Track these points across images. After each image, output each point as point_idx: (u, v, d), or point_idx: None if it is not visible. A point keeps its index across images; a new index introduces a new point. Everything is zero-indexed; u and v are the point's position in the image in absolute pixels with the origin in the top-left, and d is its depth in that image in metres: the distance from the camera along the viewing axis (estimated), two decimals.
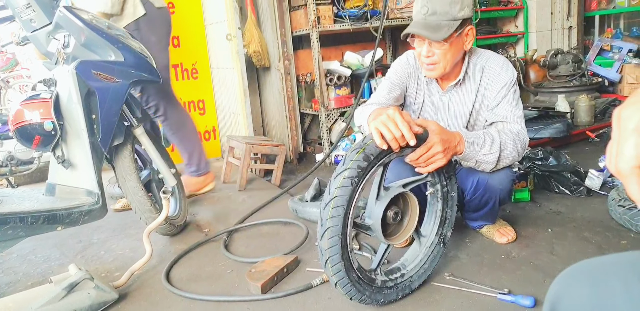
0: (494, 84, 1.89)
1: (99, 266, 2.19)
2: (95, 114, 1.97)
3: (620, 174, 0.53)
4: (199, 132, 3.95)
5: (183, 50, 3.81)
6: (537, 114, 3.73)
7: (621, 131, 0.53)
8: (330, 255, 1.47)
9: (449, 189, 1.82)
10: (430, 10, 1.72)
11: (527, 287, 1.72)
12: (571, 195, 2.63)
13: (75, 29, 1.97)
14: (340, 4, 3.58)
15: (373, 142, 1.49)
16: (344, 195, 1.45)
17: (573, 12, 5.09)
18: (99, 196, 2.00)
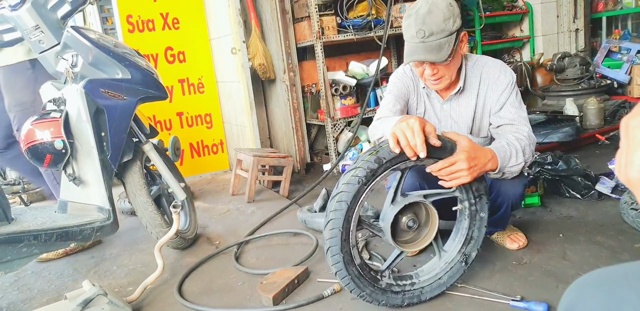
0: (494, 88, 1.89)
1: (112, 281, 2.21)
2: (104, 132, 2.00)
3: (631, 183, 0.53)
4: (206, 145, 4.01)
5: (189, 65, 3.86)
6: (546, 118, 3.71)
7: (630, 141, 0.53)
8: (330, 246, 1.54)
9: (477, 209, 1.77)
10: (427, 33, 1.71)
11: (540, 293, 1.71)
12: (582, 199, 2.61)
13: (83, 48, 2.02)
14: (344, 14, 3.60)
15: (388, 147, 1.51)
16: (349, 192, 1.50)
17: (579, 14, 5.07)
18: (110, 212, 2.03)
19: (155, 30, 3.70)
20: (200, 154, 4.01)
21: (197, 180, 3.94)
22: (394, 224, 1.63)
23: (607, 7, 5.15)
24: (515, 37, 5.12)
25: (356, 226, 1.57)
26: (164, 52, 3.76)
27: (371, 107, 3.77)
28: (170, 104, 3.81)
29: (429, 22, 1.70)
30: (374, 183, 1.53)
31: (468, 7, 4.62)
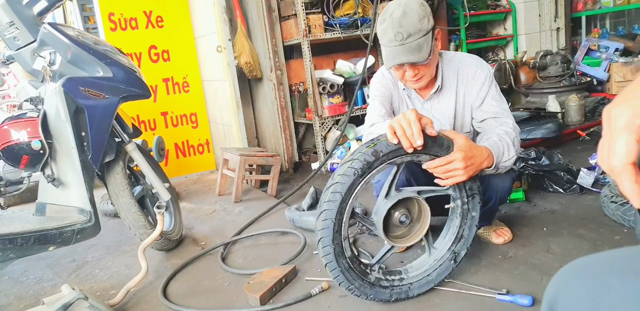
0: (472, 84, 1.91)
1: (93, 284, 2.17)
2: (84, 131, 1.96)
3: (613, 172, 0.53)
4: (192, 145, 3.98)
5: (173, 64, 3.83)
6: (529, 115, 3.75)
7: (612, 129, 0.53)
8: (322, 236, 1.54)
9: (469, 208, 1.78)
10: (405, 34, 1.71)
11: (525, 286, 1.72)
12: (565, 193, 2.64)
13: (61, 45, 1.98)
14: (331, 13, 3.60)
15: (386, 140, 1.51)
16: (344, 183, 1.50)
17: (560, 13, 5.15)
18: (92, 214, 1.99)
19: (138, 29, 3.66)
20: (185, 154, 3.97)
21: (183, 181, 3.90)
22: (386, 219, 1.64)
23: (587, 6, 5.24)
24: (499, 36, 5.16)
25: (349, 218, 1.57)
26: (147, 51, 3.72)
27: (359, 106, 3.77)
28: (154, 103, 3.77)
29: (406, 23, 1.71)
30: (369, 176, 1.53)
31: (453, 6, 4.65)
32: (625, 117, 0.51)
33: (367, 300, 1.67)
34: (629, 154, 0.51)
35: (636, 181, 0.52)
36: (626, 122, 0.51)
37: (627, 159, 0.51)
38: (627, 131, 0.51)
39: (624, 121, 0.51)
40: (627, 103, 0.52)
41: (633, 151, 0.51)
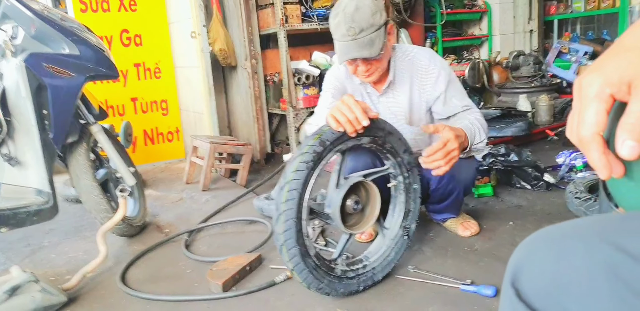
0: (426, 78, 1.91)
1: (48, 269, 2.09)
2: (46, 110, 1.88)
3: (582, 142, 0.52)
4: (161, 133, 3.89)
5: (145, 49, 3.73)
6: (500, 113, 3.79)
7: (582, 99, 0.52)
8: (285, 239, 1.48)
9: (411, 182, 1.83)
10: (357, 29, 1.71)
11: (490, 278, 1.73)
12: (532, 190, 2.69)
13: (25, 19, 1.89)
14: (309, 4, 3.56)
15: (329, 129, 1.52)
16: (299, 179, 1.47)
17: (534, 16, 5.24)
18: (50, 195, 1.91)
19: (110, 11, 3.55)
20: (154, 141, 3.89)
21: (150, 168, 3.82)
22: (341, 209, 1.63)
23: (559, 10, 5.35)
24: (475, 36, 5.22)
25: (307, 214, 1.54)
26: (119, 35, 3.62)
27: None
28: (124, 88, 3.68)
29: (358, 18, 1.71)
30: (320, 167, 1.53)
31: (430, 3, 4.67)
32: (596, 86, 0.50)
33: (337, 296, 1.64)
34: (598, 123, 0.50)
35: (604, 152, 0.51)
36: (596, 91, 0.50)
37: (596, 128, 0.50)
38: (598, 100, 0.50)
39: (594, 90, 0.50)
40: (597, 72, 0.51)
41: (602, 121, 0.50)
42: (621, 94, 0.49)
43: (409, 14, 4.00)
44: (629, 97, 0.49)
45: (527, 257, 0.52)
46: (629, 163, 0.52)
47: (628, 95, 0.49)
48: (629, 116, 0.49)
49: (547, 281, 0.49)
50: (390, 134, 1.71)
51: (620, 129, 0.49)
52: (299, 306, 1.65)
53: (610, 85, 0.49)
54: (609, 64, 0.50)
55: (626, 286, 0.43)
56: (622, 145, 0.49)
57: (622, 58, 0.50)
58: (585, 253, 0.47)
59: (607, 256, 0.45)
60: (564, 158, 2.95)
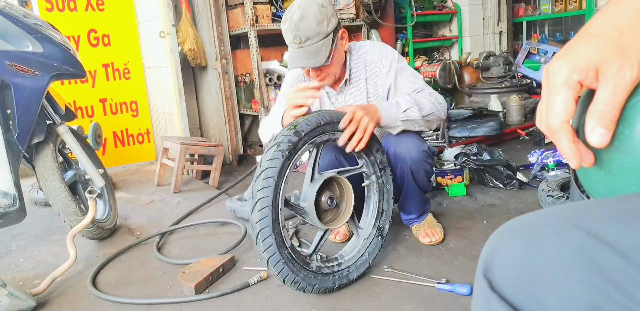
0: (379, 71, 1.93)
1: (16, 274, 2.03)
2: (10, 109, 1.82)
3: (551, 130, 0.51)
4: (131, 135, 3.82)
5: (114, 49, 3.66)
6: (472, 113, 3.84)
7: (550, 86, 0.51)
8: (261, 228, 1.47)
9: (384, 181, 1.84)
10: (303, 38, 1.72)
11: (464, 276, 1.73)
12: (505, 188, 2.71)
13: None
14: (279, 4, 3.54)
15: (304, 120, 1.55)
16: (274, 167, 1.48)
17: (503, 17, 5.32)
18: (16, 197, 1.85)
19: (77, 11, 3.47)
20: (124, 143, 3.81)
21: (121, 171, 3.74)
22: (316, 205, 1.64)
23: (527, 12, 5.45)
24: (445, 37, 5.27)
25: (283, 205, 1.54)
26: (86, 35, 3.54)
27: None
28: (92, 89, 3.60)
29: (303, 27, 1.72)
30: (296, 157, 1.54)
31: (400, 4, 4.70)
32: (564, 73, 0.49)
33: (312, 292, 1.62)
34: (567, 111, 0.49)
35: (573, 140, 0.50)
36: (564, 78, 0.49)
37: (565, 116, 0.50)
38: (566, 88, 0.49)
39: (562, 77, 0.49)
40: (564, 58, 0.50)
41: (571, 108, 0.49)
42: (589, 81, 0.49)
43: (379, 15, 4.02)
44: (596, 84, 0.49)
45: (498, 246, 0.51)
46: (599, 152, 0.52)
47: (596, 82, 0.49)
48: (598, 103, 0.48)
49: (520, 270, 0.48)
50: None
51: (590, 116, 0.49)
52: (274, 307, 1.63)
53: (577, 71, 0.49)
54: (576, 51, 0.50)
55: (599, 272, 0.42)
56: (592, 132, 0.49)
57: (589, 44, 0.49)
58: (557, 239, 0.46)
59: (579, 242, 0.44)
60: (536, 157, 3.00)
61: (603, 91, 0.48)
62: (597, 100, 0.48)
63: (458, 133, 3.64)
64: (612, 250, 0.42)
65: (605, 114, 0.48)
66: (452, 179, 2.75)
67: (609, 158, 0.51)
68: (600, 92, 0.48)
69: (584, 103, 0.53)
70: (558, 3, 5.08)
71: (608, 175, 0.52)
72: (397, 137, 1.87)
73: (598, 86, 0.49)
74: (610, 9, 0.52)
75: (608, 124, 0.48)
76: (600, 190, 0.55)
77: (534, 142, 3.73)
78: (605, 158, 0.52)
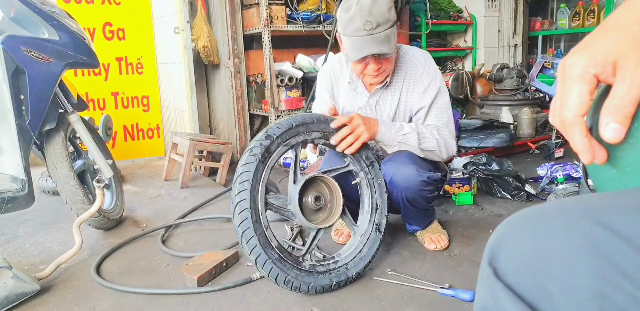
0: (416, 84, 1.88)
1: (22, 259, 2.04)
2: (24, 95, 1.83)
3: (564, 123, 0.51)
4: (141, 129, 3.83)
5: (128, 43, 3.68)
6: (482, 123, 3.82)
7: (566, 79, 0.50)
8: (243, 230, 1.51)
9: (373, 176, 1.85)
10: (374, 24, 1.65)
11: (468, 282, 1.72)
12: (512, 200, 2.69)
13: (4, 1, 1.84)
14: (294, 6, 3.56)
15: (275, 124, 1.61)
16: (249, 171, 1.54)
17: (518, 30, 5.31)
18: (25, 182, 1.86)
19: (93, 3, 3.50)
20: (134, 137, 3.83)
21: (129, 164, 3.75)
22: (303, 208, 1.67)
23: (543, 26, 5.44)
24: (459, 47, 5.27)
25: (265, 207, 1.57)
26: (102, 28, 3.57)
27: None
28: (105, 82, 3.62)
29: (376, 12, 1.65)
30: (271, 160, 1.59)
31: (416, 12, 4.71)
32: (580, 67, 0.49)
33: (308, 291, 1.61)
34: (581, 105, 0.49)
35: (586, 135, 0.50)
36: (580, 71, 0.49)
37: (578, 110, 0.49)
38: (581, 81, 0.49)
39: (577, 70, 0.49)
40: (581, 52, 0.50)
41: (585, 102, 0.49)
42: (605, 75, 0.48)
43: None
44: (613, 79, 0.48)
45: (506, 235, 0.51)
46: (612, 150, 0.51)
47: (612, 76, 0.48)
48: (613, 98, 0.48)
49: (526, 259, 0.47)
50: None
51: (605, 111, 0.48)
52: (274, 303, 1.62)
53: (594, 65, 0.48)
54: (594, 44, 0.49)
55: (608, 262, 0.42)
56: (606, 127, 0.48)
57: (607, 38, 0.49)
58: (565, 229, 0.45)
59: (588, 232, 0.44)
60: (545, 170, 2.98)
61: (619, 86, 0.47)
62: (613, 95, 0.48)
63: (467, 143, 3.63)
64: (621, 240, 0.42)
65: (620, 110, 0.47)
66: (460, 187, 2.74)
67: (622, 155, 0.51)
68: (617, 87, 0.48)
69: (598, 103, 0.52)
70: (575, 18, 5.07)
71: (620, 173, 0.52)
72: (396, 163, 1.81)
73: (615, 80, 0.48)
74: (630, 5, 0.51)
75: (623, 120, 0.47)
76: (611, 188, 0.54)
77: (544, 155, 3.70)
78: (618, 155, 0.51)
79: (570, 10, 5.12)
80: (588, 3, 5.01)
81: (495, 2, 5.14)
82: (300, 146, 1.68)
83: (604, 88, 0.52)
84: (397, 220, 2.17)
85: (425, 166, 1.86)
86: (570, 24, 5.13)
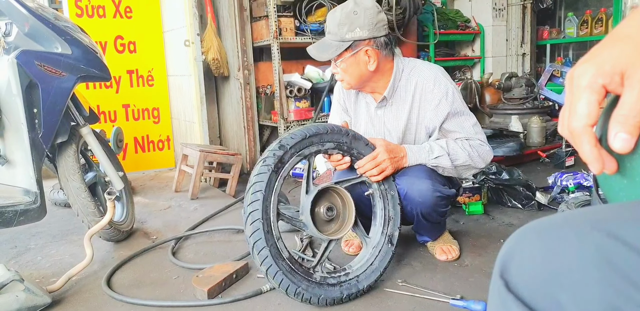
0: (428, 101, 1.87)
1: (34, 271, 2.05)
2: (37, 108, 1.86)
3: (573, 134, 0.51)
4: (152, 141, 3.86)
5: (139, 56, 3.73)
6: (492, 133, 3.81)
7: (574, 90, 0.51)
8: (254, 241, 1.50)
9: (386, 188, 1.84)
10: (327, 29, 1.80)
11: (479, 293, 1.70)
12: (523, 209, 2.67)
13: (19, 16, 1.87)
14: (303, 18, 3.59)
15: (288, 134, 1.61)
16: (262, 181, 1.53)
17: (526, 39, 5.31)
18: (37, 195, 1.88)
19: (105, 17, 3.55)
20: (145, 149, 3.85)
21: (140, 176, 3.77)
22: (315, 218, 1.67)
23: (552, 35, 5.43)
24: (467, 56, 5.28)
25: (277, 217, 1.57)
26: (113, 41, 3.61)
27: (325, 112, 3.75)
28: (116, 95, 3.66)
29: (329, 19, 1.80)
30: (284, 170, 1.59)
31: (424, 23, 4.73)
32: (588, 76, 0.49)
33: (319, 303, 1.60)
34: (590, 115, 0.49)
35: (595, 145, 0.50)
36: (589, 81, 0.49)
37: (587, 120, 0.49)
38: (589, 91, 0.49)
39: (586, 80, 0.49)
40: (590, 62, 0.50)
41: (594, 112, 0.49)
42: (614, 85, 0.48)
43: (402, 32, 4.04)
44: (621, 89, 0.48)
45: (516, 247, 0.50)
46: (622, 160, 0.51)
47: (621, 86, 0.48)
48: (622, 107, 0.47)
49: (537, 271, 0.47)
50: (356, 139, 1.76)
51: (613, 121, 0.48)
52: None
53: (602, 75, 0.48)
54: (601, 55, 0.49)
55: (619, 274, 0.42)
56: (615, 137, 0.48)
57: (615, 48, 0.49)
58: (576, 240, 0.45)
59: (599, 243, 0.44)
60: (556, 179, 2.96)
61: (628, 96, 0.47)
62: (622, 105, 0.48)
63: None
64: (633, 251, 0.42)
65: (629, 120, 0.47)
66: (470, 197, 2.72)
67: (632, 166, 0.50)
68: (625, 97, 0.47)
69: (607, 113, 0.52)
70: (583, 27, 5.06)
71: (631, 183, 0.51)
72: (411, 178, 1.81)
73: (623, 90, 0.48)
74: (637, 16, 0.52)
75: (632, 130, 0.47)
76: (622, 199, 0.54)
77: (554, 164, 3.68)
78: (628, 165, 0.51)
79: (578, 18, 5.12)
80: (596, 11, 5.01)
81: (503, 11, 5.15)
82: (314, 156, 1.68)
83: (612, 98, 0.52)
84: (408, 231, 2.16)
85: (440, 180, 1.85)
86: (579, 32, 5.12)
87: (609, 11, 4.88)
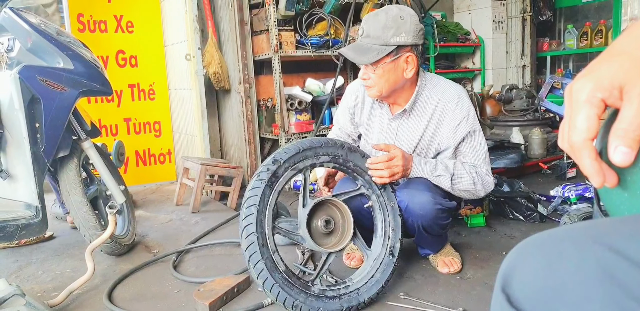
0: (447, 120, 1.86)
1: (35, 286, 2.04)
2: (39, 123, 1.87)
3: (573, 148, 0.51)
4: (153, 154, 3.87)
5: (141, 70, 3.75)
6: (493, 144, 3.81)
7: (573, 104, 0.51)
8: (250, 254, 1.51)
9: (385, 199, 1.84)
10: (365, 33, 1.75)
11: (482, 306, 1.69)
12: (525, 221, 2.66)
13: (22, 32, 1.90)
14: (303, 32, 3.62)
15: (282, 148, 1.63)
16: (255, 195, 1.55)
17: (527, 51, 5.34)
18: (39, 209, 1.88)
19: (107, 32, 3.58)
20: (146, 163, 3.86)
21: (141, 190, 3.77)
22: (313, 231, 1.67)
23: (552, 47, 5.46)
24: (468, 69, 5.30)
25: (272, 231, 1.58)
26: (115, 55, 3.64)
27: (325, 125, 3.76)
28: (118, 108, 3.68)
29: (370, 23, 1.75)
30: (278, 184, 1.60)
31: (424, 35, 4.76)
32: (587, 91, 0.49)
33: None
34: (590, 129, 0.49)
35: (596, 159, 0.50)
36: (587, 96, 0.49)
37: (587, 134, 0.49)
38: (589, 105, 0.49)
39: (585, 94, 0.49)
40: (588, 76, 0.50)
41: (594, 126, 0.49)
42: (612, 99, 0.49)
43: None
44: (620, 103, 0.49)
45: (518, 261, 0.50)
46: (623, 173, 0.51)
47: (619, 100, 0.48)
48: (621, 121, 0.48)
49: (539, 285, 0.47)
50: (351, 151, 1.77)
51: (613, 134, 0.48)
52: None
53: (601, 89, 0.49)
54: (600, 69, 0.50)
55: (621, 288, 0.41)
56: (615, 151, 0.48)
57: (613, 62, 0.49)
58: (578, 255, 0.45)
59: (600, 258, 0.44)
60: (557, 190, 2.96)
61: (627, 110, 0.48)
62: (621, 119, 0.48)
63: None
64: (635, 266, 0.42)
65: (628, 133, 0.47)
66: (472, 209, 2.72)
67: (633, 179, 0.51)
68: (624, 111, 0.48)
69: (606, 126, 0.53)
70: (583, 39, 5.09)
71: (632, 197, 0.51)
72: (412, 191, 1.80)
73: (622, 105, 0.48)
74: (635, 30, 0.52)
75: (631, 143, 0.48)
76: (624, 212, 0.54)
77: (555, 176, 3.67)
78: (629, 179, 0.51)
79: (578, 30, 5.15)
80: (595, 24, 5.04)
81: (503, 24, 5.18)
82: (309, 170, 1.69)
83: (612, 111, 0.53)
84: (410, 243, 2.15)
85: (441, 193, 1.84)
86: (578, 44, 5.15)
87: (609, 23, 4.92)
